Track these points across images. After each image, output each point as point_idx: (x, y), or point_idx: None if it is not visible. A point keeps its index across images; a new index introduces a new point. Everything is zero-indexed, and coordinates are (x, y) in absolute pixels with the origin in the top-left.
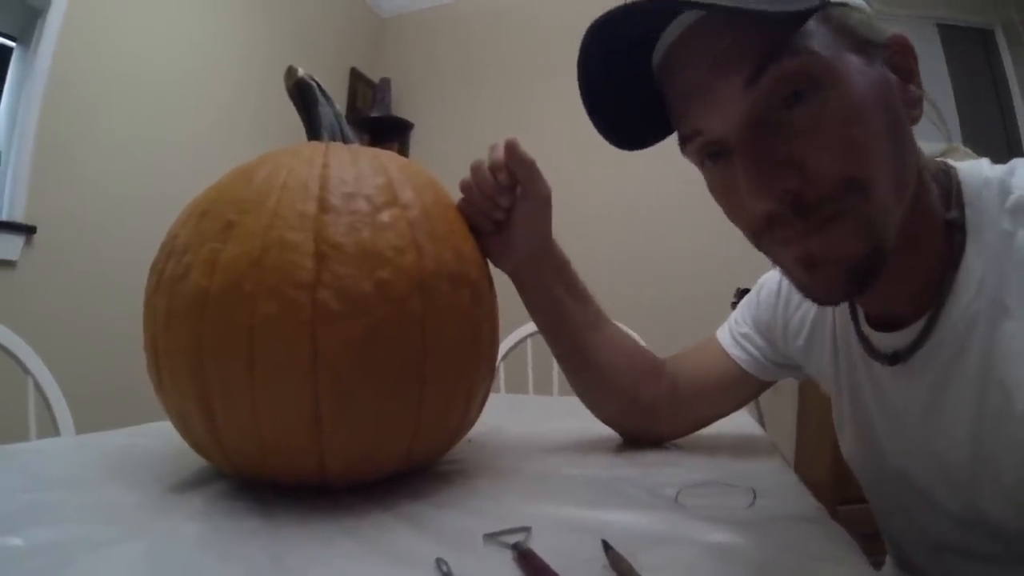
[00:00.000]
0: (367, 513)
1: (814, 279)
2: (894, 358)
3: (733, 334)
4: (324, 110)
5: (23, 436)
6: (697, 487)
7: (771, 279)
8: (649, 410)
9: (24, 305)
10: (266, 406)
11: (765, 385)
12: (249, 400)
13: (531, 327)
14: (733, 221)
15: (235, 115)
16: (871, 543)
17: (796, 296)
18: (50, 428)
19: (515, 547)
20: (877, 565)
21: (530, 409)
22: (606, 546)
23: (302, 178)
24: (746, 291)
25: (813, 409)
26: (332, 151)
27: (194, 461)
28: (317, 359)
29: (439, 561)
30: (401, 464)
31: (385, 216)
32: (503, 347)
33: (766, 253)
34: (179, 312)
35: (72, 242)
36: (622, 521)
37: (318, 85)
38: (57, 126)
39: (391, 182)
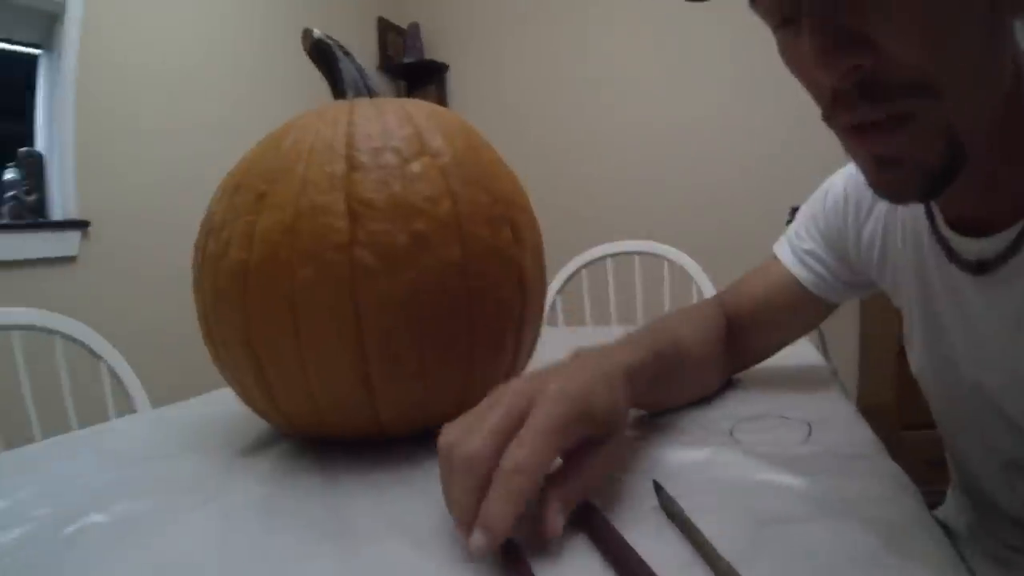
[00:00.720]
0: (423, 460)
1: (884, 178)
2: (980, 267)
3: (796, 252)
4: (345, 66)
5: (103, 418)
6: (752, 421)
7: (836, 185)
8: (716, 361)
9: (88, 295)
10: (315, 370)
11: (833, 307)
12: (299, 366)
13: (587, 257)
14: (807, 90)
15: (264, 83)
16: (935, 471)
17: (868, 197)
18: (127, 407)
19: None
20: (937, 495)
21: (586, 342)
22: (657, 487)
23: (328, 139)
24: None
25: (876, 329)
26: (357, 108)
27: (259, 424)
28: (360, 319)
29: None
30: (456, 409)
31: (415, 167)
32: (558, 279)
33: (838, 138)
34: (223, 289)
35: (125, 229)
36: (675, 458)
37: (336, 43)
38: (94, 122)
39: (419, 131)
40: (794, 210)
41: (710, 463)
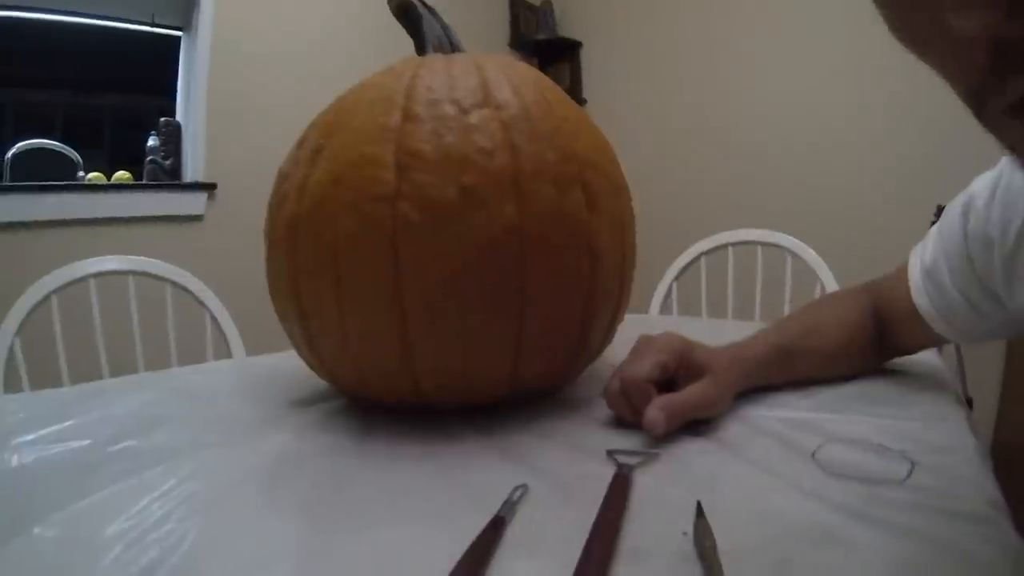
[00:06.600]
0: (462, 438)
1: None
2: None
3: (925, 274)
4: (429, 24)
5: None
6: (843, 444)
7: (977, 198)
8: (856, 352)
9: (211, 250)
10: (354, 325)
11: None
12: (338, 319)
13: (707, 244)
14: (939, 71)
15: (385, 58)
16: None
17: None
18: (225, 354)
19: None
20: None
21: (696, 334)
22: (699, 510)
23: (389, 92)
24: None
25: None
26: (427, 62)
27: (318, 381)
28: (400, 274)
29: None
30: (505, 388)
31: (473, 118)
32: (676, 266)
33: (995, 132)
34: (277, 239)
35: (246, 192)
36: (740, 474)
37: (422, 2)
38: (224, 96)
39: (485, 82)
40: (940, 209)
41: (778, 489)
